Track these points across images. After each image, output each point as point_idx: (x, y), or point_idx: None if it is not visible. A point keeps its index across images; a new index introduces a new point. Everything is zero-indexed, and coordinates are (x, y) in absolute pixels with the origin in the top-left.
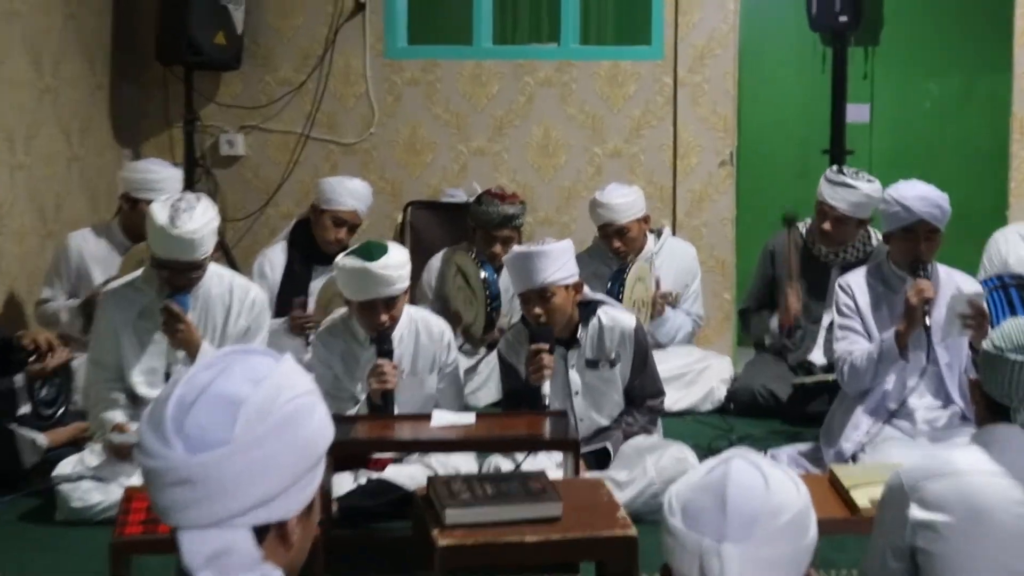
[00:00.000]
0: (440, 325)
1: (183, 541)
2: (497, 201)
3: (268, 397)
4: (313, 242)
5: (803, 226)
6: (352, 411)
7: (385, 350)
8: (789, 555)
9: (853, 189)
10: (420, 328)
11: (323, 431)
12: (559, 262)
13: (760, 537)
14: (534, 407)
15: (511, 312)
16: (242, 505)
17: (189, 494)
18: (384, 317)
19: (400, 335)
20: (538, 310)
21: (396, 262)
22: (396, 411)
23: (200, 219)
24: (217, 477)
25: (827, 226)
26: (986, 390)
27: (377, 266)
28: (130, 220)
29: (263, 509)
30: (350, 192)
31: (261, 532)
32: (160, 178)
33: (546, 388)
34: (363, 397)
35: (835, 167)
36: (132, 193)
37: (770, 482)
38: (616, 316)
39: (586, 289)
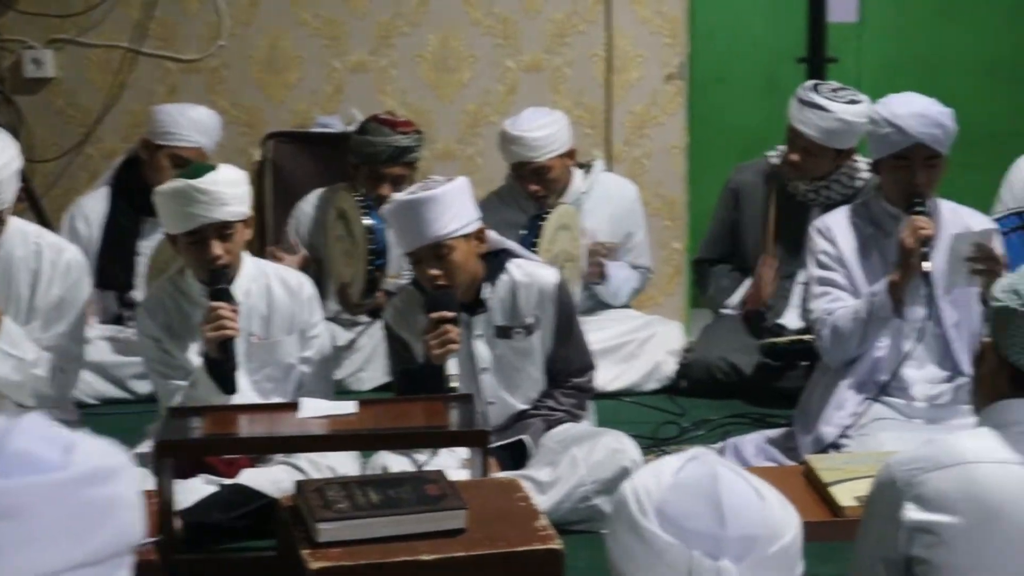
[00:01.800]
0: (299, 277)
1: None
2: (386, 129)
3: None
4: (144, 188)
5: (775, 155)
6: (188, 382)
7: (220, 290)
8: None
9: (824, 112)
10: (273, 281)
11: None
12: (454, 207)
13: (756, 559)
14: (435, 391)
15: (400, 270)
16: None
17: None
18: (218, 250)
19: (247, 289)
20: (434, 271)
21: (227, 179)
22: (246, 385)
23: None
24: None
25: (795, 157)
26: (1011, 358)
27: (204, 182)
28: None
29: None
30: (193, 123)
31: None
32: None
33: (452, 367)
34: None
35: (811, 81)
36: None
37: (764, 495)
38: (532, 270)
39: (491, 235)
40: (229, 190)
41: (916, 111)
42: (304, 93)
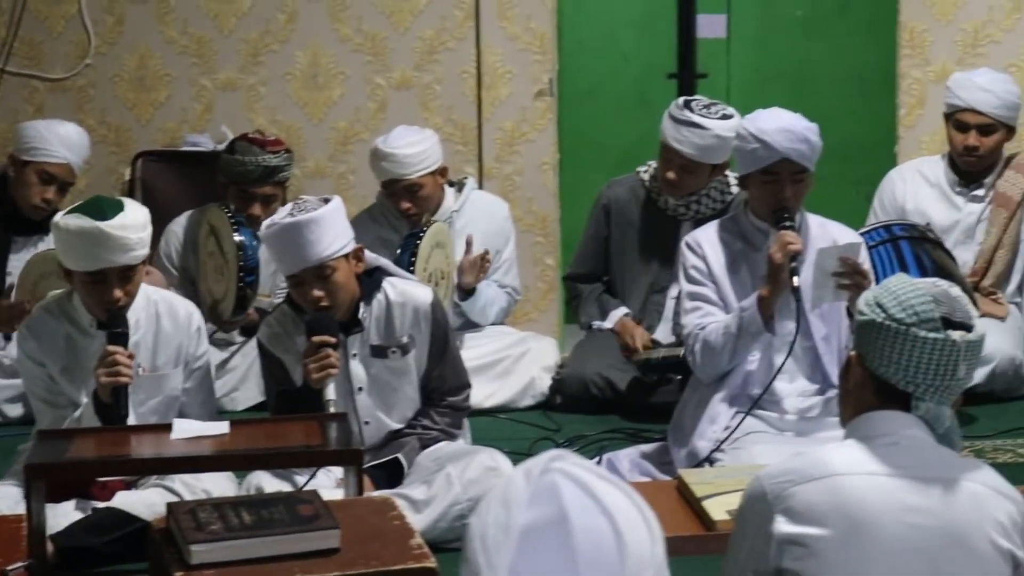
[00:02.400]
0: (187, 308)
1: None
2: (255, 149)
3: None
4: (11, 204)
5: (644, 171)
6: (75, 415)
7: (118, 334)
8: None
9: (701, 129)
10: (161, 311)
11: None
12: (334, 228)
13: None
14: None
15: (274, 289)
16: None
17: None
18: (118, 293)
19: (136, 319)
20: (317, 293)
21: (135, 222)
22: (131, 419)
23: None
24: None
25: (671, 175)
26: (876, 371)
27: (112, 226)
28: None
29: None
30: (60, 140)
31: None
32: None
33: (330, 392)
34: (86, 400)
35: (682, 99)
36: None
37: (620, 527)
38: (407, 289)
39: (367, 254)
40: (135, 235)
41: (782, 127)
42: (173, 111)
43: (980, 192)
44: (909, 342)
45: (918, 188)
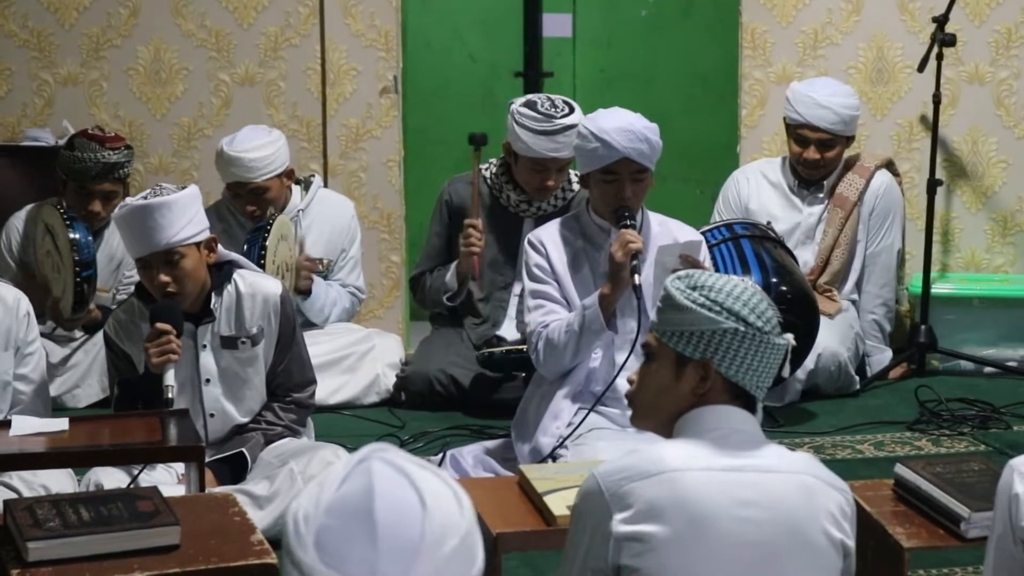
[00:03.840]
0: (15, 293)
1: None
2: (95, 145)
3: None
4: None
5: (486, 168)
6: None
7: None
8: None
9: (573, 128)
10: None
11: None
12: (187, 214)
13: (422, 572)
14: (154, 401)
15: (116, 285)
16: None
17: None
18: None
19: None
20: (164, 278)
21: None
22: None
23: None
24: None
25: (551, 181)
26: (735, 377)
27: None
28: None
29: None
30: None
31: None
32: None
33: (169, 377)
34: None
35: (523, 103)
36: None
37: (426, 498)
38: (256, 281)
39: (219, 248)
40: None
41: (622, 126)
42: (13, 106)
43: (820, 194)
44: (766, 349)
45: (761, 189)
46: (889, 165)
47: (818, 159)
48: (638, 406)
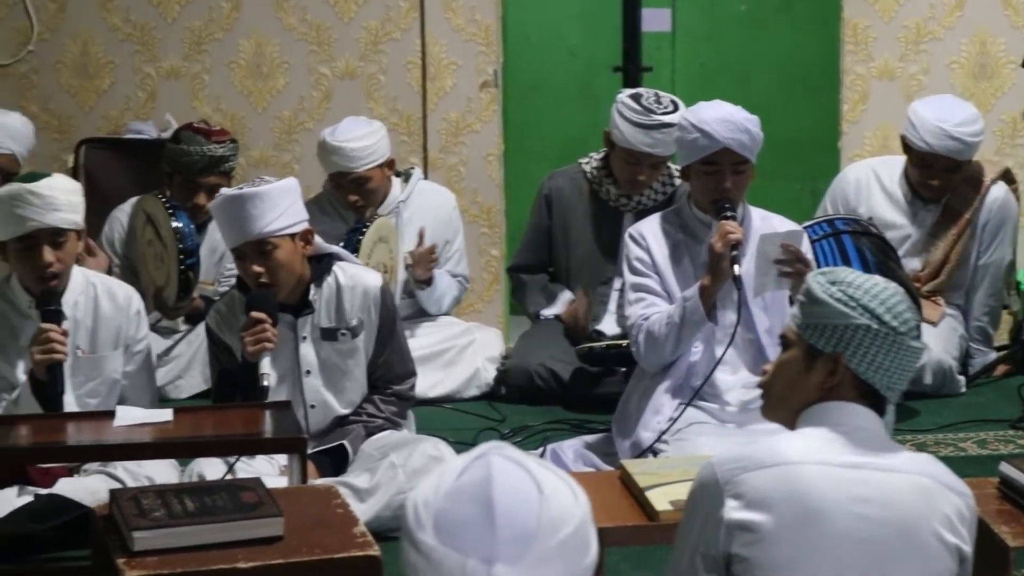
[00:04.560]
0: (127, 291)
1: None
2: (200, 138)
3: None
4: None
5: (586, 162)
6: (12, 396)
7: (52, 312)
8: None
9: (671, 127)
10: (100, 293)
11: None
12: (281, 205)
13: (537, 557)
14: (250, 390)
15: (218, 278)
16: None
17: None
18: (49, 258)
19: (74, 301)
20: (258, 268)
21: (62, 186)
22: (70, 400)
23: None
24: None
25: (643, 176)
26: (865, 375)
27: (38, 186)
28: None
29: None
30: (4, 129)
31: None
32: None
33: (265, 365)
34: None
35: (632, 100)
36: None
37: (543, 487)
38: (357, 273)
39: (318, 239)
40: (63, 196)
41: (722, 116)
42: (117, 99)
43: (934, 207)
44: (902, 351)
45: (872, 193)
46: (1006, 175)
47: (943, 184)
48: (768, 396)
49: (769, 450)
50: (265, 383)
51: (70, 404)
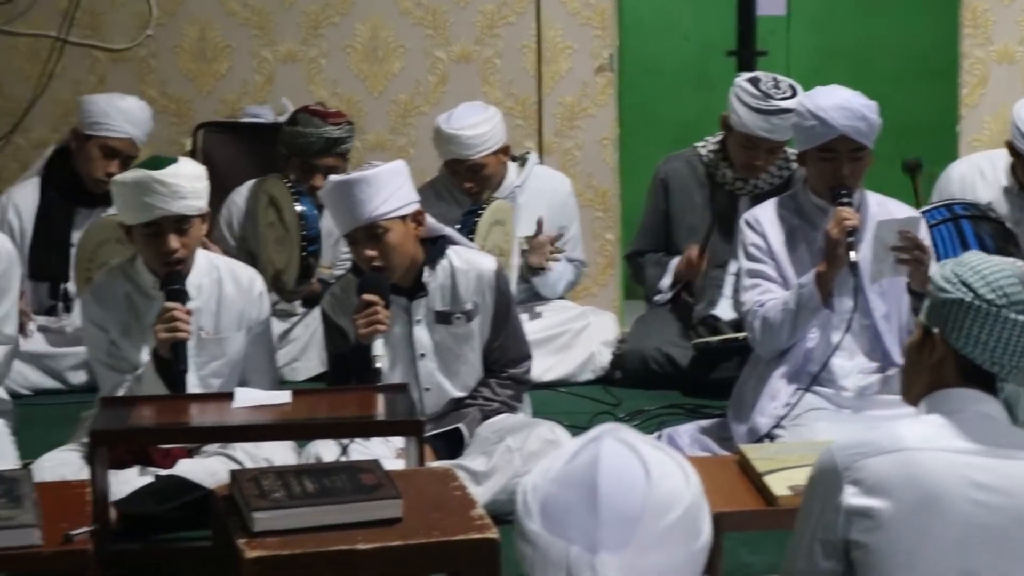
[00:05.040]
0: (250, 273)
1: None
2: (317, 120)
3: None
4: (75, 178)
5: (702, 146)
6: (137, 374)
7: (176, 291)
8: (679, 561)
9: (789, 113)
10: (224, 276)
11: None
12: (389, 188)
13: (643, 542)
14: (364, 372)
15: (334, 261)
16: None
17: None
18: (175, 243)
19: (198, 284)
20: (370, 252)
21: (188, 172)
22: (193, 380)
23: None
24: None
25: (760, 161)
26: (964, 351)
27: (164, 174)
28: None
29: None
30: (123, 113)
31: None
32: None
33: (378, 347)
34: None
35: (750, 85)
36: None
37: (651, 469)
38: (471, 257)
39: (430, 220)
40: (188, 184)
41: (839, 103)
42: (234, 83)
43: None
44: (999, 324)
45: (976, 188)
46: None
47: None
48: (902, 380)
49: (889, 436)
50: (378, 365)
51: (193, 384)
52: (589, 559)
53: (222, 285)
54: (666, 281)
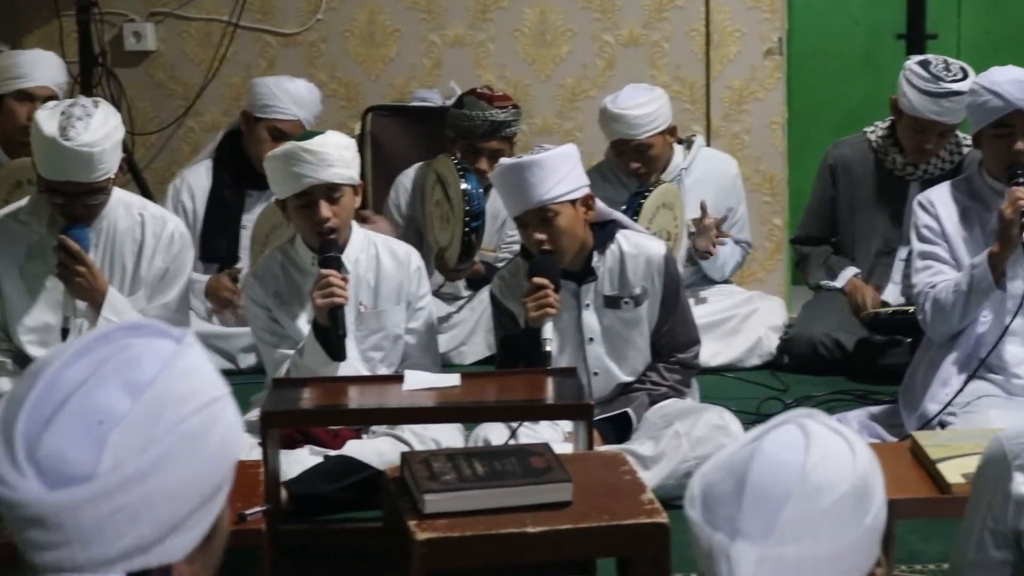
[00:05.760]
0: (406, 248)
1: None
2: (483, 103)
3: (150, 416)
4: (246, 161)
5: (871, 131)
6: (298, 347)
7: (331, 258)
8: (833, 553)
9: (961, 95)
10: (381, 251)
11: (225, 454)
12: (560, 172)
13: (787, 531)
14: (533, 355)
15: (499, 244)
16: (109, 553)
17: (43, 537)
18: (326, 212)
19: (356, 258)
20: (540, 235)
21: (335, 142)
22: (354, 354)
23: (99, 130)
24: (76, 522)
25: (930, 145)
26: None
27: (311, 143)
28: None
29: (140, 556)
30: (292, 96)
31: None
32: (27, 62)
33: (548, 331)
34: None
35: (920, 68)
36: None
37: (810, 455)
38: (640, 242)
39: (599, 204)
40: (336, 152)
41: (1015, 77)
42: (402, 67)
43: None
44: None
45: None
46: None
47: None
48: None
49: None
50: (547, 348)
51: (354, 358)
52: (727, 548)
53: (379, 260)
54: (834, 284)
